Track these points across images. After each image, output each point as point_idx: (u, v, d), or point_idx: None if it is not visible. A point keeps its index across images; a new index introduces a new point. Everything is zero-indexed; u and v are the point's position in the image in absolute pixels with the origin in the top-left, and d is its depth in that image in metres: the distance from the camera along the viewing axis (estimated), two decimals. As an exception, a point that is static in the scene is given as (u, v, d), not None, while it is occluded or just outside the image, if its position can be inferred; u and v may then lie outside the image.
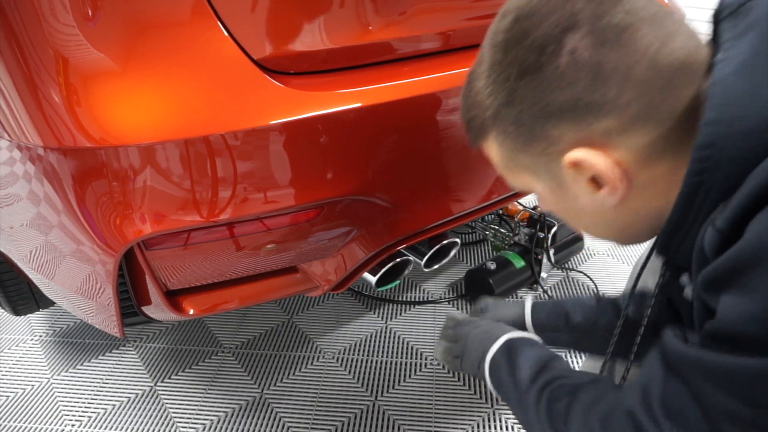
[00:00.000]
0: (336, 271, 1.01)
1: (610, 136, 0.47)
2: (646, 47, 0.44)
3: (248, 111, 0.75)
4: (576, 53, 0.45)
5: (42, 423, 1.35)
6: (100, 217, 0.77)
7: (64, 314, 1.74)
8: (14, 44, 0.71)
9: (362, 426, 1.30)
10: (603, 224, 0.56)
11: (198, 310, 0.94)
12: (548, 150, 0.50)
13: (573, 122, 0.47)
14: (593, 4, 0.45)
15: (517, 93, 0.49)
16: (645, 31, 0.45)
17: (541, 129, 0.49)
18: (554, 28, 0.46)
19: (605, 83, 0.45)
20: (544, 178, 0.54)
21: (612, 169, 0.47)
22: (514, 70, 0.48)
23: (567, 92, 0.46)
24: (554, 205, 0.58)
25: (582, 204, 0.54)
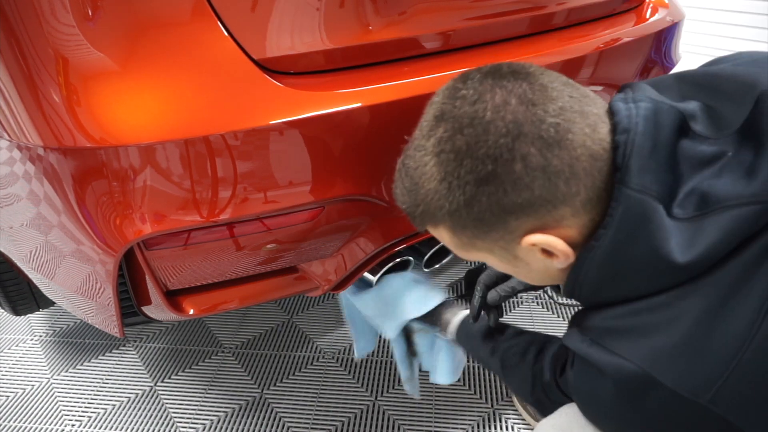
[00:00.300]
0: (336, 271, 1.01)
1: (562, 220, 0.53)
2: (582, 141, 0.50)
3: (248, 111, 0.75)
4: (527, 159, 0.50)
5: (42, 423, 1.35)
6: (100, 217, 0.77)
7: (64, 314, 1.74)
8: (14, 44, 0.71)
9: (362, 426, 1.30)
10: (548, 278, 0.63)
11: (198, 310, 0.94)
12: (506, 237, 0.55)
13: (531, 215, 0.53)
14: (528, 106, 0.50)
15: (475, 198, 0.52)
16: (578, 127, 0.51)
17: (501, 223, 0.54)
18: (503, 137, 0.50)
19: (556, 180, 0.50)
20: (499, 255, 0.59)
21: (564, 246, 0.54)
22: (471, 178, 0.52)
23: (525, 193, 0.51)
24: (505, 270, 0.64)
25: (534, 268, 0.61)
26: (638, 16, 1.28)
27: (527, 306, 1.71)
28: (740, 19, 2.98)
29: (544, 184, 0.50)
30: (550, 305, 1.71)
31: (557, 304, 1.71)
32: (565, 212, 0.52)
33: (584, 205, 0.52)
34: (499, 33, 1.03)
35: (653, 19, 1.27)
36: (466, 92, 0.53)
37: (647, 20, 1.26)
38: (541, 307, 1.70)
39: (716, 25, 3.07)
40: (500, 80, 0.52)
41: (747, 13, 2.95)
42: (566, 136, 0.50)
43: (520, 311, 1.68)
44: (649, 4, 1.34)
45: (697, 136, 0.54)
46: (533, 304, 1.71)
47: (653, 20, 1.26)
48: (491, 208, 0.52)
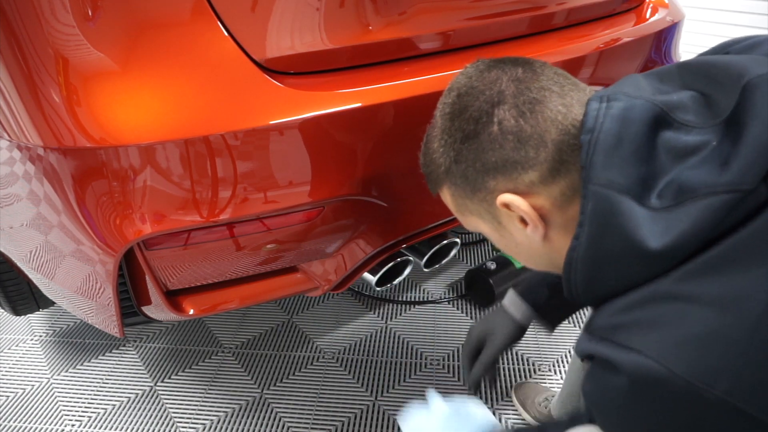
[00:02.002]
0: (336, 271, 1.01)
1: (532, 185, 0.58)
2: (554, 117, 0.57)
3: (248, 111, 0.75)
4: (502, 123, 0.57)
5: (42, 423, 1.35)
6: (100, 217, 0.77)
7: (64, 314, 1.74)
8: (14, 44, 0.71)
9: (362, 426, 1.30)
10: (537, 257, 0.66)
11: (198, 310, 0.94)
12: (487, 197, 0.62)
13: (504, 176, 0.59)
14: (515, 83, 0.58)
15: (462, 154, 0.61)
16: (554, 103, 0.57)
17: (482, 181, 0.61)
18: (486, 103, 0.58)
19: (525, 145, 0.57)
20: (487, 219, 0.65)
21: (531, 211, 0.59)
22: (459, 136, 0.60)
23: (498, 153, 0.58)
24: (498, 242, 0.68)
25: (518, 240, 0.65)
26: (638, 16, 1.28)
27: (527, 306, 1.70)
28: (740, 19, 2.98)
29: (515, 146, 0.57)
30: (550, 305, 1.70)
31: (557, 304, 1.71)
32: (533, 177, 0.58)
33: (552, 174, 0.57)
34: (499, 33, 1.04)
35: (653, 19, 1.27)
36: (473, 71, 0.63)
37: (647, 20, 1.26)
38: (541, 307, 1.70)
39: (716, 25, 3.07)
40: (502, 64, 0.61)
41: (747, 13, 2.95)
42: (540, 109, 0.57)
43: (520, 311, 1.68)
44: (649, 4, 1.34)
45: (682, 126, 0.56)
46: (533, 304, 1.71)
47: (653, 20, 1.26)
48: (474, 164, 0.60)
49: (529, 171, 0.58)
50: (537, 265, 0.69)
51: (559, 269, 0.64)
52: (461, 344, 1.53)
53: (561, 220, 0.60)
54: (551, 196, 0.59)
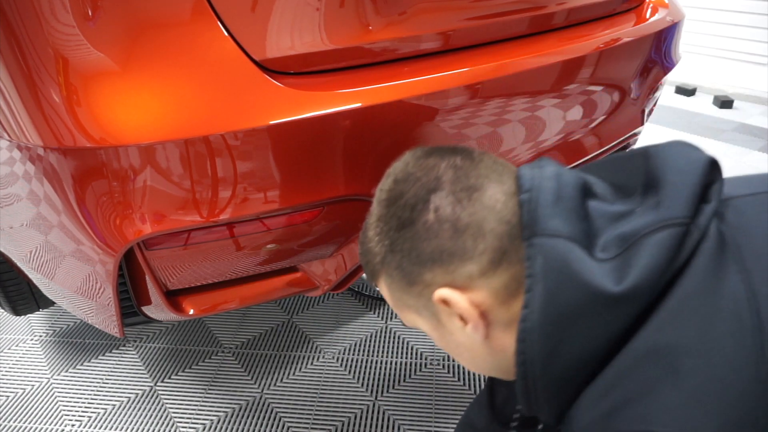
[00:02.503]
0: (336, 271, 1.01)
1: (471, 279, 0.55)
2: (493, 205, 0.54)
3: (248, 111, 0.75)
4: (439, 211, 0.55)
5: (42, 423, 1.35)
6: (100, 217, 0.77)
7: (64, 314, 1.74)
8: (14, 44, 0.71)
9: (362, 426, 1.30)
10: (480, 359, 0.61)
11: (198, 310, 0.94)
12: (424, 292, 0.57)
13: (441, 268, 0.55)
14: (453, 169, 0.56)
15: (397, 243, 0.57)
16: (493, 191, 0.55)
17: (418, 273, 0.57)
18: (421, 189, 0.56)
19: (463, 235, 0.54)
20: (425, 316, 0.60)
21: (470, 309, 0.55)
22: (394, 223, 0.57)
23: (434, 243, 0.55)
24: (439, 341, 0.63)
25: (458, 340, 0.60)
26: (638, 16, 1.28)
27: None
28: (740, 19, 2.98)
29: (452, 235, 0.54)
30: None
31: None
32: (472, 269, 0.54)
33: (492, 265, 0.54)
34: (499, 33, 1.04)
35: (653, 19, 1.27)
36: (410, 158, 0.60)
37: (647, 20, 1.26)
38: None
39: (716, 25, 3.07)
40: (441, 152, 0.59)
41: (747, 13, 2.95)
42: (478, 196, 0.54)
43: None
44: (649, 4, 1.34)
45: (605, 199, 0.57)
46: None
47: (653, 20, 1.26)
48: (409, 255, 0.56)
49: (467, 263, 0.54)
50: (481, 369, 0.64)
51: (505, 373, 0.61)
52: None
53: (504, 317, 0.56)
54: (492, 290, 0.55)
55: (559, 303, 0.50)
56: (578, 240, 0.51)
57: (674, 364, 0.45)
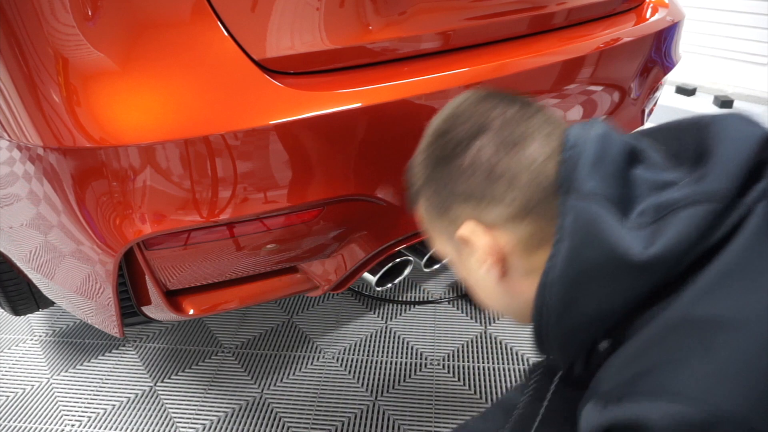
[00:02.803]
0: (336, 271, 1.01)
1: (497, 222, 0.56)
2: (532, 163, 0.55)
3: (248, 111, 0.75)
4: (478, 154, 0.56)
5: (42, 423, 1.35)
6: (100, 217, 0.77)
7: (64, 314, 1.74)
8: (14, 44, 0.71)
9: (362, 426, 1.30)
10: (495, 299, 0.64)
11: (198, 310, 0.94)
12: (452, 225, 0.60)
13: (470, 206, 0.57)
14: (503, 119, 0.57)
15: (434, 174, 0.60)
16: (535, 147, 0.55)
17: (448, 207, 0.59)
18: (468, 130, 0.57)
19: (497, 181, 0.55)
20: (451, 245, 0.63)
21: (490, 248, 0.57)
22: (436, 155, 0.60)
23: (468, 183, 0.57)
24: (460, 272, 0.66)
25: (476, 277, 0.63)
26: (638, 16, 1.28)
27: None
28: (740, 19, 2.98)
29: (486, 180, 0.56)
30: (550, 305, 1.70)
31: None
32: (501, 213, 0.56)
33: (520, 215, 0.55)
34: (499, 33, 1.03)
35: (653, 19, 1.27)
36: (470, 95, 0.62)
37: (647, 20, 1.26)
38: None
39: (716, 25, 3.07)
40: (499, 97, 0.60)
41: (747, 13, 2.95)
42: (519, 150, 0.55)
43: (520, 311, 1.68)
44: (649, 4, 1.34)
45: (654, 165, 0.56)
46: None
47: (653, 20, 1.26)
48: (444, 187, 0.59)
49: (497, 206, 0.56)
50: (496, 307, 0.66)
51: (517, 316, 0.62)
52: (461, 345, 1.53)
53: (524, 266, 0.57)
54: (515, 237, 0.56)
55: (581, 261, 0.51)
56: (613, 203, 0.51)
57: (707, 336, 0.45)
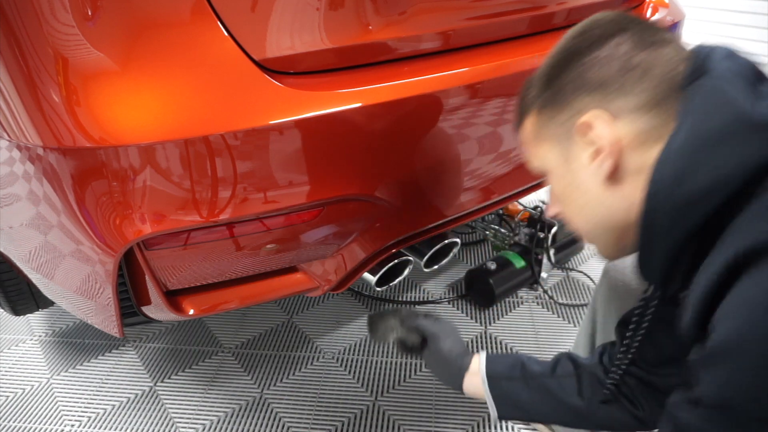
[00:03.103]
0: (336, 271, 1.01)
1: (622, 111, 0.57)
2: (668, 59, 0.57)
3: (248, 111, 0.75)
4: (617, 47, 0.58)
5: (42, 423, 1.35)
6: (100, 217, 0.77)
7: (64, 314, 1.73)
8: (14, 44, 0.71)
9: (362, 426, 1.30)
10: (591, 207, 0.63)
11: (198, 310, 0.94)
12: (571, 120, 0.61)
13: (599, 95, 0.58)
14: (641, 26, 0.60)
15: (567, 68, 0.61)
16: (669, 50, 0.58)
17: (572, 99, 0.60)
18: (606, 30, 0.60)
19: (630, 72, 0.57)
20: (557, 149, 0.64)
21: (609, 137, 0.57)
22: (572, 50, 0.61)
23: (601, 72, 0.58)
24: (559, 180, 0.66)
25: (579, 180, 0.62)
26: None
27: (527, 306, 1.71)
28: (740, 19, 2.98)
29: (620, 70, 0.57)
30: (550, 305, 1.71)
31: (557, 304, 1.71)
32: (627, 103, 0.57)
33: (646, 106, 0.57)
34: (499, 33, 1.03)
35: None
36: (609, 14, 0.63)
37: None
38: (541, 307, 1.70)
39: (716, 25, 3.07)
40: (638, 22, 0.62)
41: (747, 13, 2.95)
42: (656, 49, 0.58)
43: (520, 311, 1.68)
44: (649, 4, 1.34)
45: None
46: (533, 304, 1.71)
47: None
48: (574, 80, 0.60)
49: (624, 96, 0.57)
50: (587, 220, 0.65)
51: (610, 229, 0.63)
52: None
53: (635, 163, 0.57)
54: (636, 129, 0.57)
55: (705, 128, 0.51)
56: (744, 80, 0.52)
57: None
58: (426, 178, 0.96)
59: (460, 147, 0.96)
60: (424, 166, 0.94)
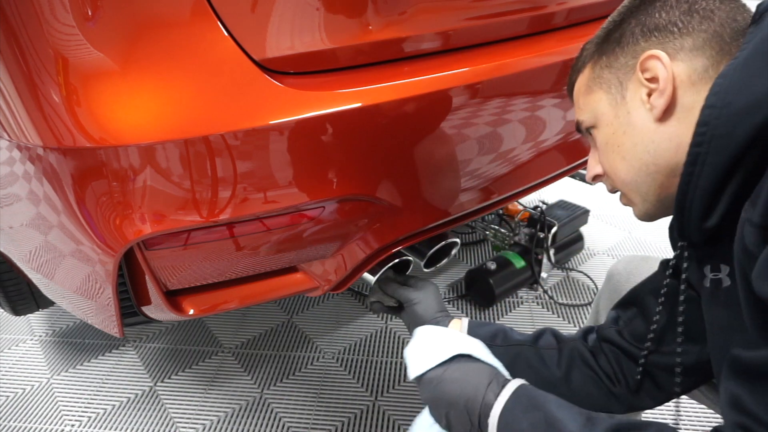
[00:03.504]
0: (336, 271, 1.01)
1: (681, 50, 0.61)
2: (728, 8, 0.61)
3: (248, 111, 0.75)
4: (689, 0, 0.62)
5: (42, 423, 1.35)
6: (100, 217, 0.77)
7: (64, 314, 1.74)
8: (14, 44, 0.71)
9: (362, 426, 1.30)
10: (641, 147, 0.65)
11: (198, 310, 0.94)
12: (628, 63, 0.65)
13: (660, 38, 0.62)
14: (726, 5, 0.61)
15: (632, 14, 0.65)
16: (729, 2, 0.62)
17: (634, 42, 0.64)
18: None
19: (694, 14, 0.61)
20: (612, 92, 0.67)
21: (666, 74, 0.60)
22: (628, 7, 0.66)
23: (666, 15, 0.62)
24: (609, 124, 0.68)
25: (630, 120, 0.65)
26: None
27: (527, 306, 1.71)
28: (740, 19, 2.97)
29: (685, 12, 0.61)
30: (550, 305, 1.71)
31: (557, 304, 1.71)
32: (686, 42, 0.61)
33: (704, 45, 0.60)
34: (499, 33, 1.03)
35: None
36: None
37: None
38: (541, 307, 1.70)
39: (716, 25, 3.07)
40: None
41: (747, 13, 2.94)
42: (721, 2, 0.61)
43: (520, 311, 1.68)
44: (649, 4, 1.34)
45: None
46: (533, 304, 1.72)
47: None
48: (638, 25, 0.64)
49: (684, 37, 0.61)
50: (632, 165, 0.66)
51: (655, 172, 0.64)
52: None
53: (688, 102, 0.60)
54: (692, 68, 0.60)
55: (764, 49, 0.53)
56: None
57: None
58: (426, 178, 0.96)
59: (460, 147, 0.96)
60: (424, 166, 0.94)
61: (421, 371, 0.73)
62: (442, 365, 0.73)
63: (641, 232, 2.09)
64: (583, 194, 2.29)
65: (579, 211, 1.83)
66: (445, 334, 0.77)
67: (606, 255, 1.96)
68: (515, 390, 0.67)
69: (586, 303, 1.71)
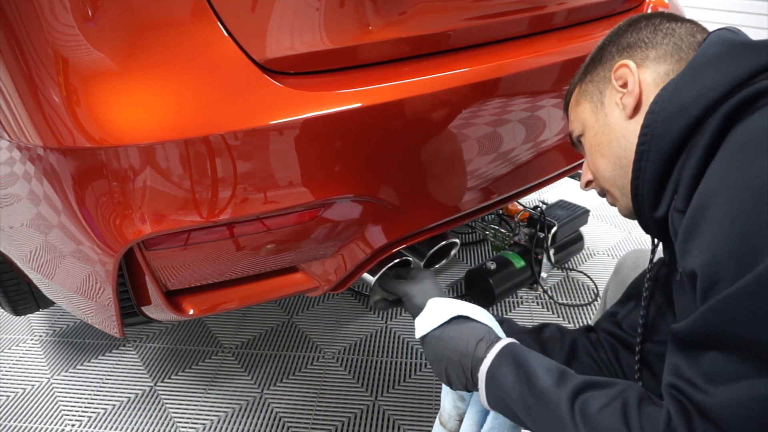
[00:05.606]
0: (336, 271, 1.01)
1: (646, 60, 0.72)
2: (688, 28, 0.73)
3: (248, 111, 0.75)
4: (651, 20, 0.74)
5: (42, 423, 1.35)
6: (100, 217, 0.77)
7: (64, 314, 1.74)
8: (14, 44, 0.71)
9: (362, 426, 1.30)
10: (617, 142, 0.73)
11: (198, 310, 0.94)
12: (607, 74, 0.75)
13: (630, 52, 0.73)
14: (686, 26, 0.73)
15: (610, 41, 0.77)
16: (690, 24, 0.74)
17: (611, 58, 0.75)
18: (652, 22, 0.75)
19: (658, 32, 0.73)
20: (594, 100, 0.77)
21: (635, 76, 0.70)
22: (621, 31, 0.77)
23: (636, 35, 0.74)
24: (591, 127, 0.77)
25: (608, 121, 0.74)
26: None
27: (527, 306, 1.71)
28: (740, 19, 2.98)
29: (651, 32, 0.73)
30: (550, 305, 1.71)
31: (557, 304, 1.71)
32: (650, 53, 0.72)
33: (665, 56, 0.71)
34: (499, 33, 1.03)
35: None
36: None
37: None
38: (541, 307, 1.70)
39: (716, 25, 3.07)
40: None
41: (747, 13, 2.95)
42: (681, 21, 0.73)
43: (520, 311, 1.69)
44: (649, 5, 1.34)
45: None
46: (533, 304, 1.72)
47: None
48: (615, 45, 0.76)
49: (650, 49, 0.72)
50: (611, 161, 0.74)
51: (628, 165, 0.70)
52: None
53: (654, 88, 0.69)
54: (656, 72, 0.70)
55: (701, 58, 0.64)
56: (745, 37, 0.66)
57: None
58: (426, 178, 0.96)
59: (460, 147, 0.96)
60: (423, 166, 0.94)
61: (425, 332, 0.83)
62: (442, 326, 0.81)
63: (641, 232, 2.09)
64: (583, 194, 2.29)
65: (579, 211, 1.83)
66: (448, 302, 0.84)
67: (606, 255, 1.96)
68: (503, 347, 0.74)
69: (586, 303, 1.71)
